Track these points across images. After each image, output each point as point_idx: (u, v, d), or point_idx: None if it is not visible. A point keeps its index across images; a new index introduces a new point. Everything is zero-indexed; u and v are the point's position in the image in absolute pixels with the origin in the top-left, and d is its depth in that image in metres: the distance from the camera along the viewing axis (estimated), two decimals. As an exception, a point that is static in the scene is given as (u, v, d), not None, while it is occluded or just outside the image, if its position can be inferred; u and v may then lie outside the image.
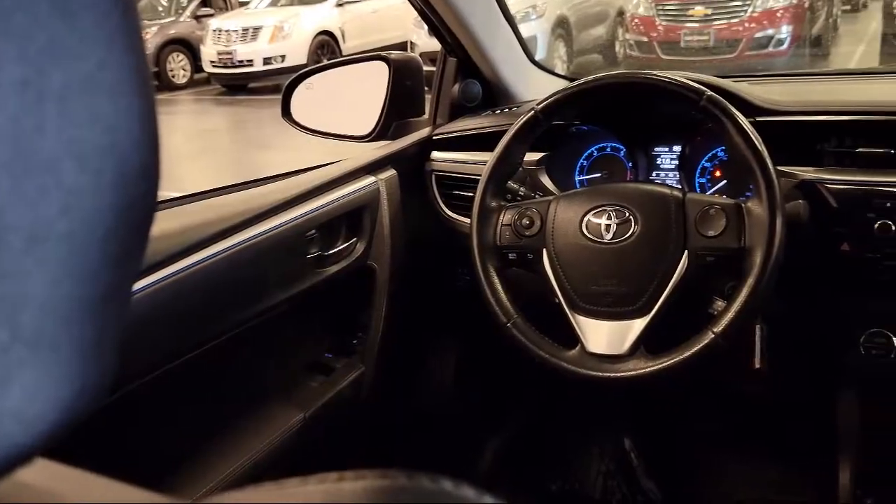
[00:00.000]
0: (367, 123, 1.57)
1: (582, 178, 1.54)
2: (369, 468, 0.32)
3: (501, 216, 1.21)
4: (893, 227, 1.15)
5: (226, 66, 10.43)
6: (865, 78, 1.79)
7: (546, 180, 1.45)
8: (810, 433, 1.58)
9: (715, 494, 1.78)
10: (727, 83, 1.32)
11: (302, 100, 1.62)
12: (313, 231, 1.30)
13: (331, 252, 1.36)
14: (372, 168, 1.46)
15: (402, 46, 8.43)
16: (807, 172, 1.23)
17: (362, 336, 1.50)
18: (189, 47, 11.40)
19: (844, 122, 1.26)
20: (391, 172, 1.49)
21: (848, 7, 10.11)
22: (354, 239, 1.42)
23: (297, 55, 9.98)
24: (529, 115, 1.20)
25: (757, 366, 1.23)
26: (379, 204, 1.45)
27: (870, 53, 7.42)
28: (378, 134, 1.56)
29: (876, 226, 1.16)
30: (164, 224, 1.04)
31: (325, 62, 1.79)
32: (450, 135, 1.58)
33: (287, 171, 1.42)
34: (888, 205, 1.16)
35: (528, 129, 1.21)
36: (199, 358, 1.07)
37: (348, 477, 0.32)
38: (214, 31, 10.61)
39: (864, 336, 1.26)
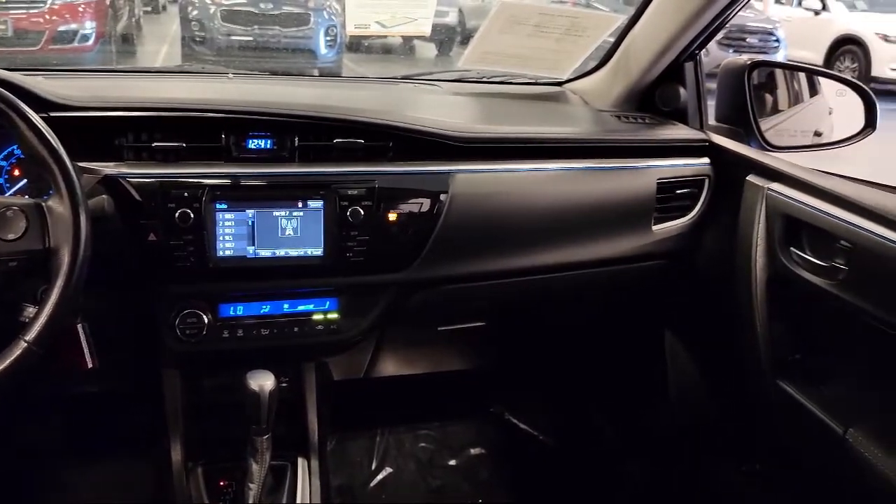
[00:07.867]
0: None
1: None
2: None
3: None
4: (192, 215, 1.26)
5: None
6: (166, 77, 1.90)
7: None
8: (146, 420, 1.64)
9: None
10: (16, 76, 1.25)
11: None
12: None
13: None
14: None
15: None
16: (108, 167, 1.25)
17: None
18: None
19: (141, 117, 1.32)
20: None
21: (149, 8, 10.55)
22: None
23: None
24: None
25: (89, 365, 1.22)
26: None
27: (173, 53, 7.91)
28: None
29: (177, 215, 1.26)
30: None
31: None
32: None
33: None
34: (185, 194, 1.26)
35: None
36: None
37: None
38: None
39: (179, 318, 1.35)
